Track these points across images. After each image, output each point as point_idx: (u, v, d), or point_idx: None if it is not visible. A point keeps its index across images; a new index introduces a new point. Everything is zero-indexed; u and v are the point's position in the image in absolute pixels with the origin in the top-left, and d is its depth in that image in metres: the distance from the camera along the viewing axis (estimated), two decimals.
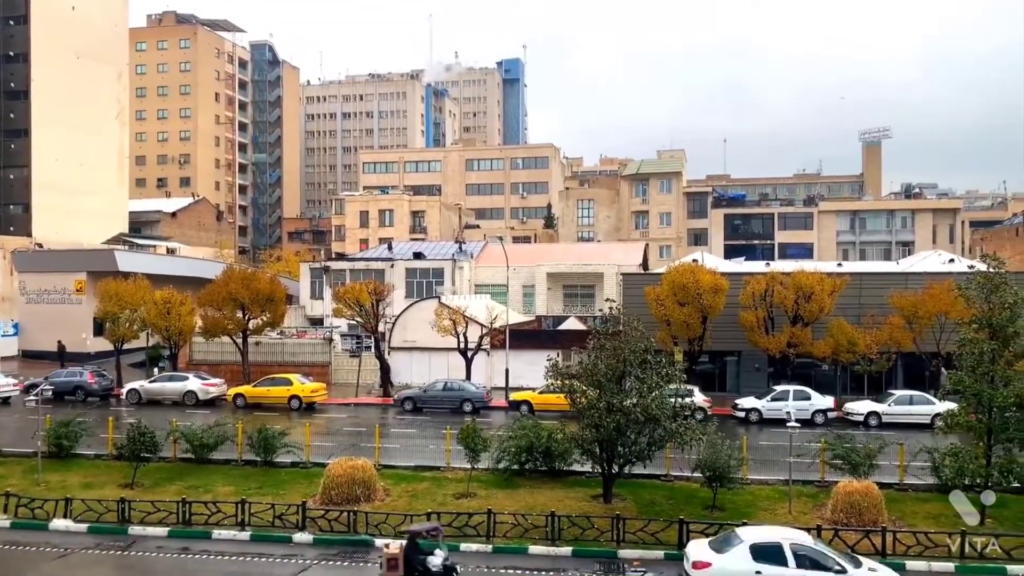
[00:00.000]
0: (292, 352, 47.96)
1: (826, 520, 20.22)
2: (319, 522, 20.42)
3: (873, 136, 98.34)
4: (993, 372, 19.95)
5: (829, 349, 37.26)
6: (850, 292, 38.72)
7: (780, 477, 23.54)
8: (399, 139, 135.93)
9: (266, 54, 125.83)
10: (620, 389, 21.27)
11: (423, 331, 43.15)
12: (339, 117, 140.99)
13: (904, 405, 33.86)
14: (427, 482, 23.88)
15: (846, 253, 76.36)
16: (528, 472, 24.00)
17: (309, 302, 59.47)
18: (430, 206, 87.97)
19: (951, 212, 78.86)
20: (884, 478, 22.86)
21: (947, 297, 34.16)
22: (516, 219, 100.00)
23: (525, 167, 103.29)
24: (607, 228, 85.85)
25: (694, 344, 38.65)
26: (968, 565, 18.18)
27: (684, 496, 22.57)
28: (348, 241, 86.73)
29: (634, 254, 63.52)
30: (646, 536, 19.36)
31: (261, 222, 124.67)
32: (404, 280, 56.56)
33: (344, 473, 21.93)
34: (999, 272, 20.91)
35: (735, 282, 38.79)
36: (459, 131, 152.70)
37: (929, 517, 20.89)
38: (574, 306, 58.15)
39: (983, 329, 20.45)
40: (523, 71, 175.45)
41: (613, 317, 22.68)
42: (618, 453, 21.47)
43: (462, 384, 38.85)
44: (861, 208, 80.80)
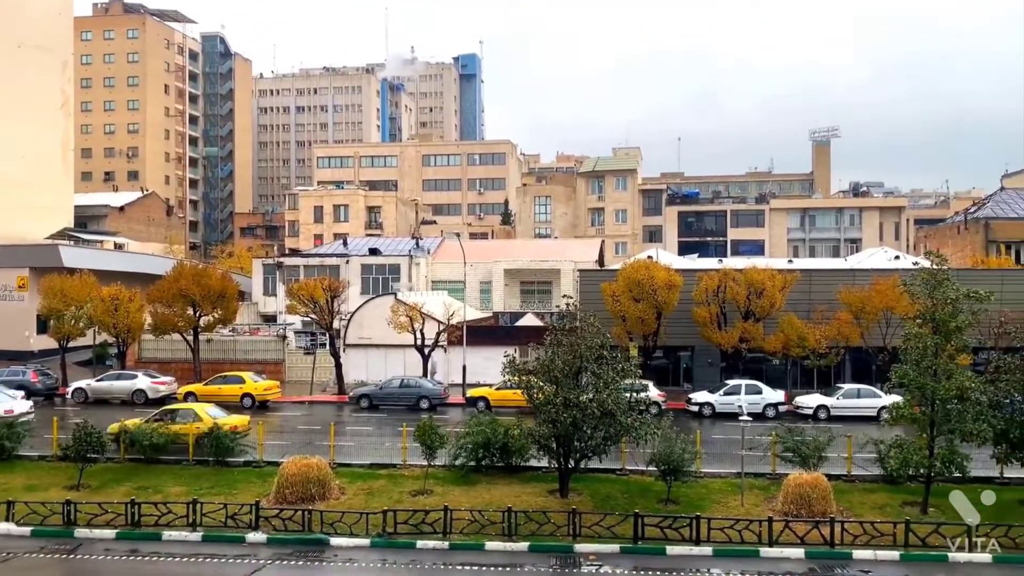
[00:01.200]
0: (245, 350, 47.21)
1: (777, 512, 20.64)
2: (273, 521, 20.15)
3: (822, 136, 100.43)
4: (936, 366, 20.52)
5: (780, 344, 38.01)
6: (800, 288, 39.53)
7: (732, 470, 23.96)
8: (354, 134, 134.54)
9: (218, 46, 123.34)
10: (576, 384, 21.42)
11: (379, 328, 42.84)
12: (293, 111, 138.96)
13: (852, 398, 34.77)
14: (383, 480, 23.74)
15: (796, 250, 77.90)
16: (485, 468, 24.01)
17: (262, 299, 58.58)
18: (386, 201, 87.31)
19: (897, 210, 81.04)
20: (833, 470, 23.43)
21: (893, 293, 35.12)
22: (473, 215, 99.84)
23: (482, 163, 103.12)
24: (564, 225, 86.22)
25: (649, 339, 39.09)
26: (912, 553, 18.74)
27: (639, 490, 22.82)
28: (302, 237, 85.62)
29: (590, 251, 63.93)
30: (602, 530, 19.54)
31: (212, 217, 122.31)
32: (360, 276, 56.07)
33: (298, 472, 21.68)
34: (942, 269, 21.52)
35: (689, 278, 39.32)
36: (415, 126, 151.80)
37: (875, 507, 21.49)
38: (531, 302, 58.32)
39: (927, 324, 21.03)
40: (480, 67, 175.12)
41: (570, 313, 22.80)
42: (574, 448, 21.62)
43: (419, 381, 38.69)
44: (811, 206, 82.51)
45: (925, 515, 20.74)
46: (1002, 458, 21.63)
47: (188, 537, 19.88)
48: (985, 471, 23.16)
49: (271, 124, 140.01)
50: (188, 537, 19.88)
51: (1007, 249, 52.05)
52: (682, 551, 18.98)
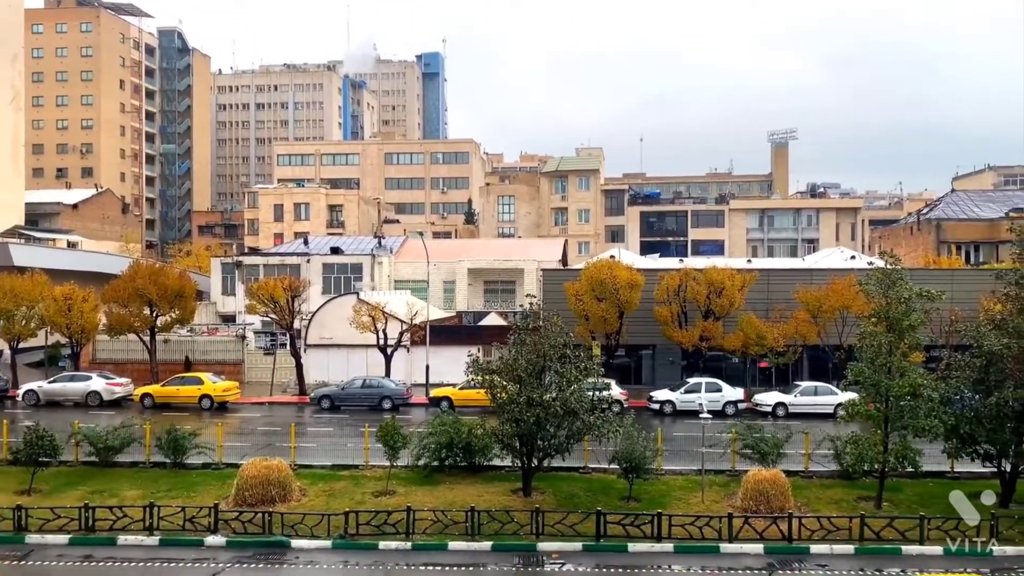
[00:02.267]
0: (203, 350, 46.48)
1: (737, 508, 20.94)
2: (233, 524, 19.86)
3: (781, 137, 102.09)
4: (890, 363, 20.98)
5: (739, 342, 38.57)
6: (759, 287, 40.15)
7: (693, 467, 24.24)
8: (315, 131, 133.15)
9: (175, 41, 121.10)
10: (540, 383, 21.49)
11: (341, 328, 42.46)
12: (252, 108, 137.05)
13: (809, 396, 35.42)
14: (345, 481, 23.55)
15: (755, 250, 79.11)
16: (448, 468, 23.96)
17: (221, 298, 57.67)
18: (348, 200, 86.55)
19: (853, 211, 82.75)
20: (791, 466, 23.83)
21: (849, 292, 35.85)
22: (436, 214, 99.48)
23: (446, 162, 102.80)
24: (527, 224, 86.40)
25: (611, 338, 39.38)
26: (866, 547, 19.15)
27: (601, 488, 22.97)
28: (262, 235, 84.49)
29: (554, 250, 64.16)
30: (565, 528, 19.62)
31: (170, 215, 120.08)
32: (321, 276, 55.51)
33: (259, 473, 21.40)
34: (896, 268, 22.02)
35: (650, 278, 39.68)
36: (378, 124, 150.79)
37: (832, 502, 21.91)
38: (495, 302, 58.33)
39: (881, 323, 21.49)
40: (443, 66, 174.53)
41: (533, 312, 22.86)
42: (538, 447, 21.68)
43: (381, 381, 38.45)
44: (769, 207, 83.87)
45: (879, 509, 21.22)
46: (952, 453, 22.20)
47: (144, 541, 19.49)
48: (936, 466, 23.78)
49: (230, 121, 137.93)
50: (144, 541, 19.49)
51: (957, 249, 53.49)
52: (644, 548, 19.16)
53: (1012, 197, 60.80)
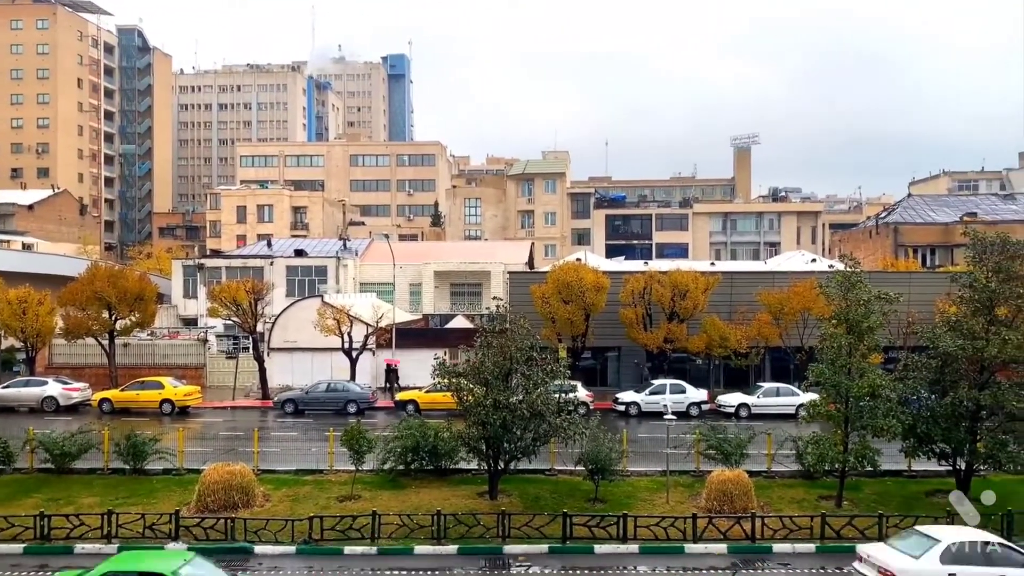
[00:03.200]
0: (164, 354, 45.70)
1: (701, 508, 21.15)
2: (194, 531, 19.53)
3: (743, 141, 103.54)
4: (850, 364, 21.37)
5: (703, 344, 39.00)
6: (722, 290, 40.63)
7: (658, 468, 24.43)
8: (279, 132, 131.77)
9: (135, 39, 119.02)
10: (506, 386, 21.48)
11: (305, 331, 42.05)
12: (215, 108, 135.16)
13: (771, 397, 35.94)
14: (309, 486, 23.30)
15: (718, 253, 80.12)
16: (414, 472, 23.85)
17: (182, 301, 56.77)
18: (312, 202, 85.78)
19: (813, 215, 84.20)
20: (754, 466, 24.14)
21: (810, 295, 36.45)
22: (403, 216, 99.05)
23: (412, 164, 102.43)
24: (494, 227, 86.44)
25: (577, 341, 39.56)
26: (827, 545, 19.48)
27: (567, 489, 23.04)
28: (224, 237, 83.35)
29: (520, 253, 64.27)
30: (531, 531, 19.65)
31: (129, 217, 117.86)
32: (285, 278, 54.95)
33: (221, 479, 21.09)
34: (855, 271, 22.44)
35: (616, 280, 39.95)
36: (343, 126, 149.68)
37: (793, 502, 22.24)
38: (461, 304, 58.24)
39: (841, 324, 21.87)
40: (409, 68, 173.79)
41: (500, 315, 22.88)
42: (504, 449, 21.68)
43: (346, 385, 38.15)
44: (732, 210, 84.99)
45: (840, 508, 21.60)
46: (910, 452, 22.66)
47: (103, 550, 19.06)
48: (894, 465, 24.28)
49: (192, 121, 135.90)
50: (103, 550, 19.06)
51: (914, 253, 54.69)
52: (610, 549, 19.25)
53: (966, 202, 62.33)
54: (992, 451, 20.97)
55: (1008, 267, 21.18)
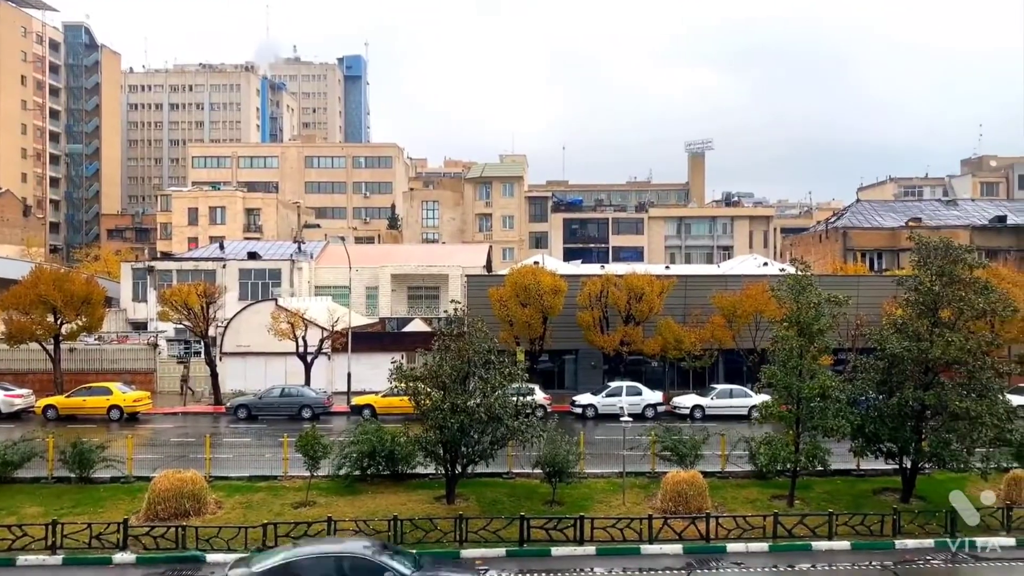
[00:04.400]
0: (112, 359, 44.57)
1: (657, 509, 21.36)
2: (143, 540, 19.06)
3: (698, 147, 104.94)
4: (801, 366, 21.79)
5: (658, 347, 39.45)
6: (677, 293, 41.16)
7: (615, 470, 24.60)
8: (232, 133, 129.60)
9: (82, 36, 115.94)
10: (464, 390, 21.43)
11: (259, 335, 41.42)
12: (166, 108, 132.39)
13: (725, 398, 36.49)
14: (263, 492, 22.93)
15: (673, 256, 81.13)
16: (371, 477, 23.64)
17: (131, 305, 55.46)
18: (266, 204, 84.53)
19: (765, 219, 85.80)
20: (708, 467, 24.46)
21: (762, 298, 37.13)
22: (359, 219, 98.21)
23: (368, 166, 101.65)
24: (451, 230, 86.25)
25: (535, 343, 39.67)
26: (779, 544, 19.82)
27: (525, 492, 23.06)
28: (175, 240, 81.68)
29: (478, 256, 64.23)
30: (488, 534, 19.62)
31: (76, 218, 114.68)
32: (238, 281, 54.07)
33: (171, 486, 20.62)
34: (806, 275, 22.93)
35: (573, 284, 40.19)
36: (298, 127, 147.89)
37: (747, 502, 22.60)
38: (418, 308, 57.95)
39: (792, 327, 22.31)
40: (365, 69, 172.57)
41: (457, 318, 22.80)
42: (462, 453, 21.61)
43: (301, 389, 37.66)
44: (686, 215, 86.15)
45: (791, 507, 22.00)
46: (858, 451, 23.18)
47: (47, 561, 18.49)
48: (844, 464, 24.84)
49: (142, 121, 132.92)
50: (47, 561, 18.49)
51: (862, 257, 56.07)
52: (567, 551, 19.32)
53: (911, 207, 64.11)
54: (936, 450, 21.56)
55: (951, 271, 21.82)
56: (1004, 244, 53.79)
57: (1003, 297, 22.24)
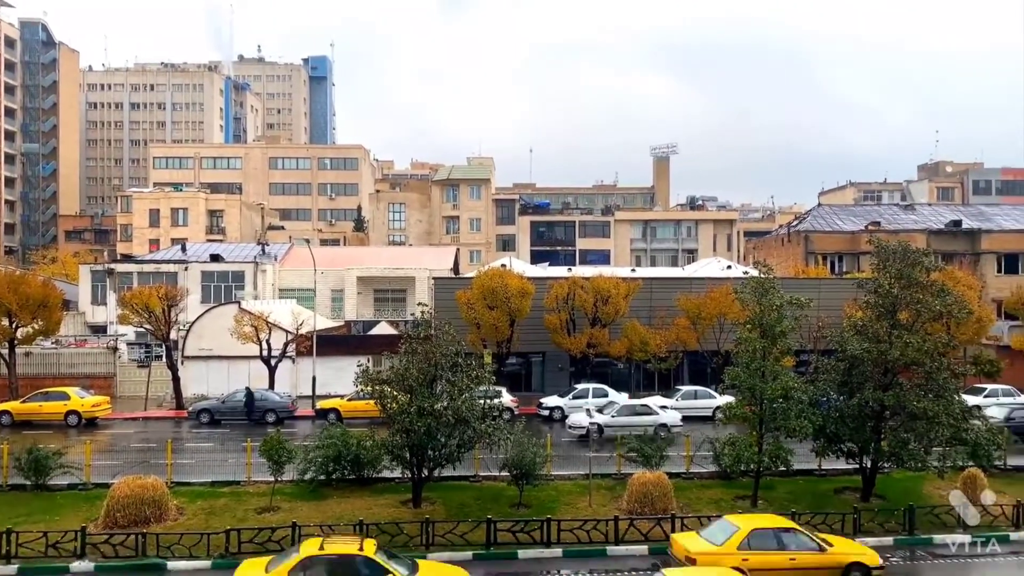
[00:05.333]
0: (70, 363, 43.60)
1: (623, 511, 21.49)
2: (102, 548, 18.66)
3: (663, 151, 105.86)
4: (764, 368, 22.11)
5: (624, 348, 39.71)
6: (642, 296, 41.47)
7: (581, 472, 24.69)
8: (195, 133, 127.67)
9: (39, 33, 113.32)
10: (431, 393, 21.35)
11: (222, 338, 40.83)
12: (127, 107, 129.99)
13: (690, 399, 36.82)
14: (226, 498, 22.60)
15: (639, 259, 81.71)
16: (336, 482, 23.43)
17: (90, 308, 54.29)
18: (229, 205, 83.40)
19: (729, 223, 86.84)
20: (674, 468, 24.70)
21: (726, 300, 37.57)
22: (324, 221, 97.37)
23: (334, 168, 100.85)
24: (418, 232, 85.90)
25: (502, 346, 39.68)
26: None
27: (492, 495, 23.05)
28: (136, 242, 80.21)
29: (445, 258, 64.04)
30: (455, 538, 19.57)
31: (32, 219, 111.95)
32: (200, 284, 53.23)
33: (131, 493, 20.23)
34: (768, 278, 23.27)
35: (540, 286, 40.29)
36: (262, 127, 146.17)
37: (711, 502, 22.84)
38: (385, 310, 57.60)
39: (755, 329, 22.64)
40: (331, 70, 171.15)
41: (425, 321, 22.71)
42: (428, 457, 21.53)
43: (265, 394, 37.18)
44: (652, 218, 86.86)
45: (755, 507, 22.29)
46: (820, 451, 23.60)
47: (1, 571, 18.02)
48: (806, 464, 25.23)
49: (102, 121, 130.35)
50: (1, 571, 18.02)
51: (823, 260, 57.01)
52: (534, 554, 19.35)
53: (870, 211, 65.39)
54: (895, 449, 22.01)
55: (909, 274, 22.30)
56: (959, 248, 55.11)
57: (958, 300, 22.79)
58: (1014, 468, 26.41)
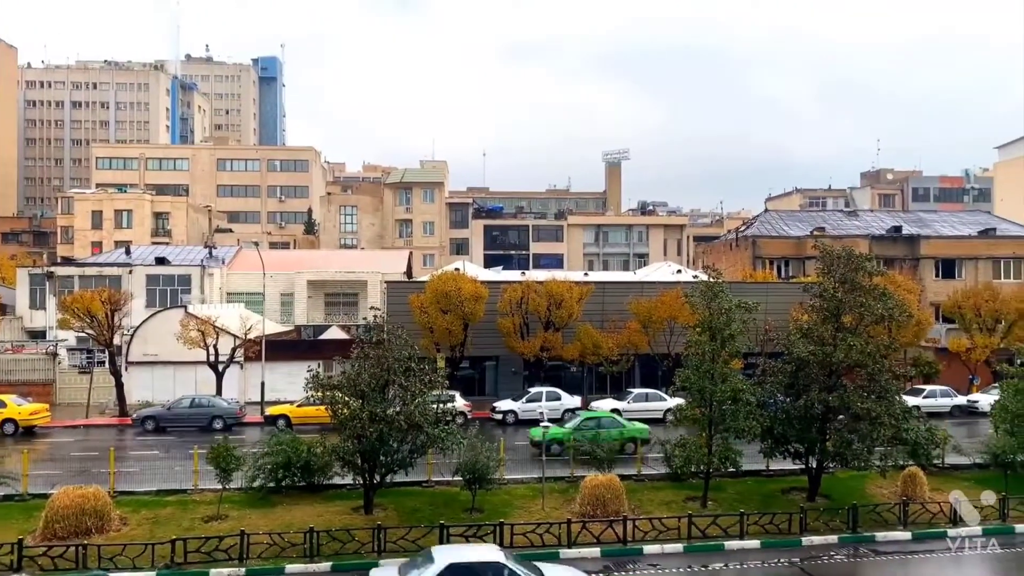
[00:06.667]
0: (7, 370, 42.22)
1: (575, 513, 21.58)
2: (40, 560, 18.03)
3: (615, 157, 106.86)
4: (713, 370, 22.49)
5: (577, 352, 39.95)
6: (595, 299, 41.77)
7: (534, 475, 24.75)
8: (140, 134, 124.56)
9: None
10: (383, 398, 21.18)
11: (167, 343, 39.90)
12: (68, 106, 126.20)
13: (641, 402, 37.22)
14: (172, 507, 22.05)
15: (591, 263, 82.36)
16: (286, 489, 23.06)
17: (28, 312, 52.47)
18: (176, 207, 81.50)
19: (679, 228, 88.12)
20: (625, 470, 24.92)
21: (676, 304, 38.08)
22: (274, 224, 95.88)
23: (284, 169, 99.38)
24: (371, 235, 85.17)
25: (456, 350, 39.56)
26: (694, 545, 20.34)
27: (445, 500, 22.95)
28: (77, 244, 77.82)
29: (398, 262, 63.62)
30: (408, 544, 19.42)
31: None
32: (145, 288, 51.90)
33: (72, 503, 19.60)
34: (717, 282, 23.66)
35: (494, 290, 40.29)
36: (210, 128, 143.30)
37: (663, 504, 23.10)
38: (336, 315, 56.95)
39: (705, 332, 22.99)
40: (281, 71, 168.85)
41: (377, 325, 22.52)
42: (380, 462, 21.34)
43: (212, 400, 36.45)
44: (604, 222, 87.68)
45: (705, 508, 22.62)
46: (767, 452, 24.06)
47: None
48: (754, 465, 25.69)
49: (41, 119, 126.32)
50: None
51: (771, 264, 58.19)
52: None
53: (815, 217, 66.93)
54: (840, 449, 22.56)
55: (852, 278, 22.90)
56: (900, 253, 56.80)
57: (900, 303, 23.47)
58: (951, 467, 27.31)
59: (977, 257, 56.45)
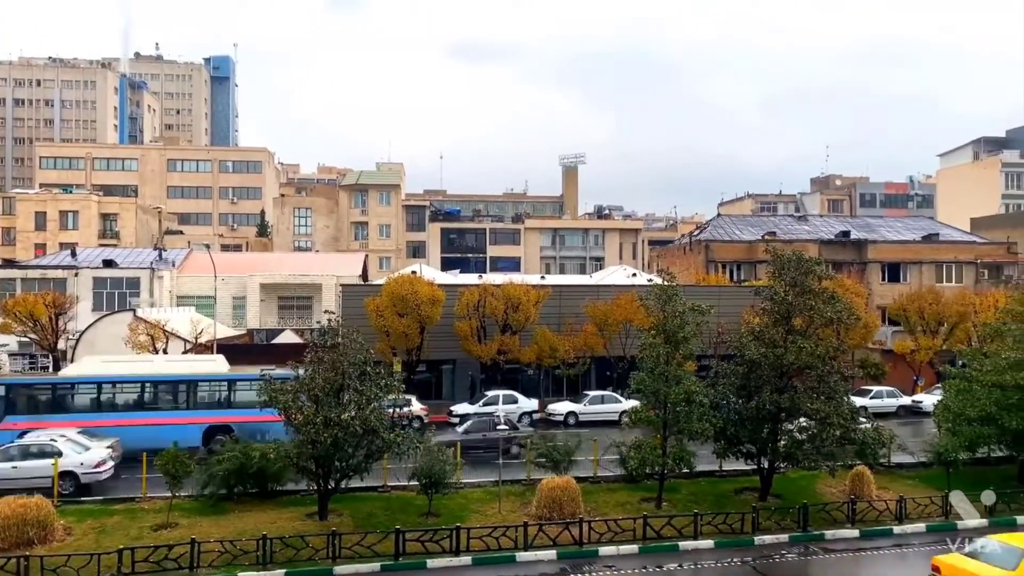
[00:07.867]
0: None
1: (532, 516, 21.63)
2: None
3: (571, 161, 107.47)
4: (667, 372, 22.75)
5: (534, 355, 40.05)
6: (552, 302, 41.91)
7: (491, 478, 24.73)
8: (87, 133, 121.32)
9: None
10: (338, 402, 20.94)
11: (115, 348, 38.79)
12: (10, 103, 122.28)
13: (597, 404, 37.47)
14: (119, 516, 21.50)
15: (548, 267, 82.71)
16: (238, 496, 22.67)
17: None
18: (124, 208, 79.55)
19: (634, 232, 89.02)
20: (581, 472, 25.04)
21: (631, 307, 38.44)
22: (226, 225, 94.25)
23: (236, 171, 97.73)
24: (325, 238, 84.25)
25: (413, 354, 39.32)
26: (649, 546, 20.54)
27: (401, 505, 22.80)
28: (20, 246, 75.47)
29: (354, 265, 63.01)
30: (363, 549, 19.23)
31: None
32: (92, 291, 50.53)
33: (13, 513, 19.00)
34: (672, 285, 23.97)
35: (451, 293, 40.17)
36: (160, 128, 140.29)
37: (618, 505, 23.28)
38: (290, 318, 56.15)
39: (659, 335, 23.27)
40: (234, 70, 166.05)
41: (332, 329, 22.27)
42: (335, 468, 21.10)
43: None
44: (561, 226, 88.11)
45: (660, 509, 22.86)
46: (720, 453, 24.41)
47: None
48: (708, 466, 26.06)
49: None
50: None
51: (723, 268, 59.12)
52: (443, 563, 19.22)
53: (767, 222, 68.17)
54: (790, 450, 23.01)
55: (802, 282, 23.40)
56: (847, 257, 58.19)
57: (848, 306, 24.04)
58: (897, 465, 28.06)
59: (921, 261, 58.15)
